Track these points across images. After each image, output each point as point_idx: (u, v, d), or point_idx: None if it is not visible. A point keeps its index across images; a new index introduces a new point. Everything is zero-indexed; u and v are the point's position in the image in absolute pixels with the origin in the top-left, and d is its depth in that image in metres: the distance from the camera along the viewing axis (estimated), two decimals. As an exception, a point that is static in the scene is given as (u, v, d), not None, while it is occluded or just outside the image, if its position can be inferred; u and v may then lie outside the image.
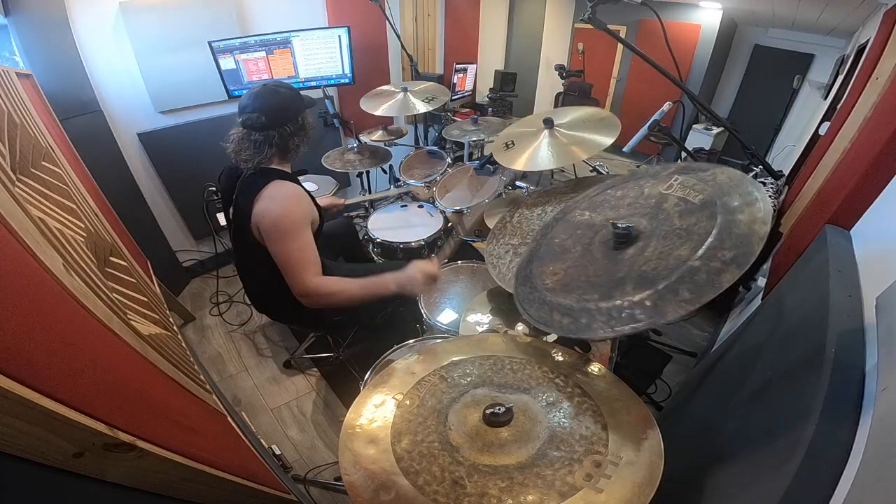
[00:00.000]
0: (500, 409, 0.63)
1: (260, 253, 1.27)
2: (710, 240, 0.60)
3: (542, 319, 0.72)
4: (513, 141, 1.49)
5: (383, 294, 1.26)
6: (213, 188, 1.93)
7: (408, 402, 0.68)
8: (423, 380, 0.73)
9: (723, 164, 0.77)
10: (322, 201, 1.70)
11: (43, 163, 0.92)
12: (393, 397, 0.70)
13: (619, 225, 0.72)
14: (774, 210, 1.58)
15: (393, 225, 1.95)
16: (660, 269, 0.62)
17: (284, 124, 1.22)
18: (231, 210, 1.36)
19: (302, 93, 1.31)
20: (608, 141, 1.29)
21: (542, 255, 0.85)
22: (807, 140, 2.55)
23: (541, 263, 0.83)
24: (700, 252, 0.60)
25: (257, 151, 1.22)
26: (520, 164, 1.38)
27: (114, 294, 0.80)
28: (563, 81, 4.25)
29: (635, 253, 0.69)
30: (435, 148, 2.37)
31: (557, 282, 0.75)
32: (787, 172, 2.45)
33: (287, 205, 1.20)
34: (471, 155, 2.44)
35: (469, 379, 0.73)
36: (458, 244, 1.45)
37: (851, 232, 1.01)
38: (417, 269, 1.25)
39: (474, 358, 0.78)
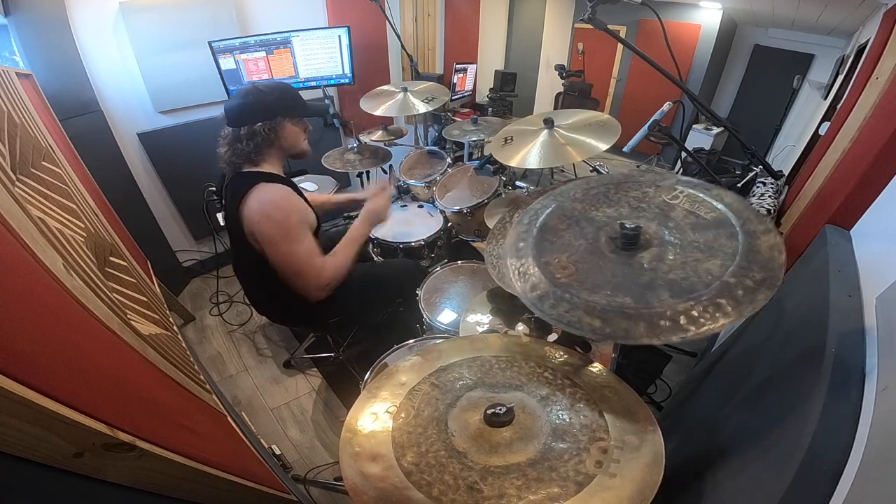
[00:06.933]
0: (500, 410, 0.63)
1: (255, 256, 1.27)
2: (738, 259, 0.61)
3: (564, 319, 0.66)
4: (511, 137, 1.50)
5: (365, 235, 1.40)
6: (213, 188, 1.92)
7: (403, 415, 0.67)
8: (414, 389, 0.72)
9: (725, 188, 0.77)
10: (316, 200, 1.68)
11: (43, 163, 0.92)
12: (386, 411, 0.68)
13: (628, 225, 0.70)
14: (774, 210, 1.58)
15: (392, 225, 1.95)
16: (693, 281, 0.61)
17: (254, 123, 1.19)
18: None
19: (313, 102, 1.32)
20: (604, 146, 1.33)
21: (540, 244, 0.80)
22: (807, 140, 2.55)
23: (541, 254, 0.78)
24: (732, 269, 0.60)
25: (230, 150, 1.22)
26: (515, 161, 1.43)
27: (114, 294, 0.80)
28: (563, 81, 4.25)
29: (654, 259, 0.68)
30: (435, 148, 2.37)
31: (570, 277, 0.71)
32: (787, 172, 2.45)
33: (273, 210, 1.17)
34: (471, 155, 2.44)
35: (461, 383, 0.72)
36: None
37: (851, 232, 1.01)
38: (370, 201, 1.44)
39: (461, 361, 0.77)
